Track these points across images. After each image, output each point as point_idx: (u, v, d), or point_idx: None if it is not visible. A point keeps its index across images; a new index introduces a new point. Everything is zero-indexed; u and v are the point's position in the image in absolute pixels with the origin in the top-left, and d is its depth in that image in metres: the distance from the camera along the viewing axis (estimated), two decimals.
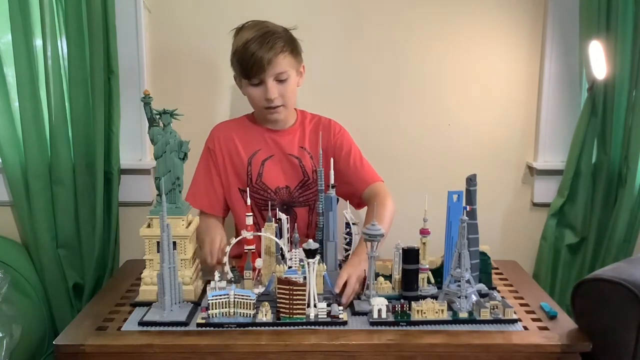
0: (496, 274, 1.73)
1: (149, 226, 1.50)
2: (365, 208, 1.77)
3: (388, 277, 1.56)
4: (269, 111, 1.73)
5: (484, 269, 1.57)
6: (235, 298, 1.39)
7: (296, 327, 1.38)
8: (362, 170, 1.78)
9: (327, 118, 1.87)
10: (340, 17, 2.06)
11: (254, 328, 1.38)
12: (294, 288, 1.37)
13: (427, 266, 1.54)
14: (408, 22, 2.07)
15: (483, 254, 1.57)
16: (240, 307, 1.39)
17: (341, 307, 1.43)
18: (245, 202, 1.65)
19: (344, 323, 1.39)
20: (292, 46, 1.72)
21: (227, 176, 1.81)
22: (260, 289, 1.49)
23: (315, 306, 1.39)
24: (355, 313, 1.44)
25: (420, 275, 1.51)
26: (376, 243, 1.44)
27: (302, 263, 1.41)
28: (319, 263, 1.42)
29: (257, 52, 1.64)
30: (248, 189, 1.67)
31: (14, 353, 1.61)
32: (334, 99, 2.07)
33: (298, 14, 1.84)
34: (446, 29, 2.07)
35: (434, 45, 2.08)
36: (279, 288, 1.38)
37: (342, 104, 2.05)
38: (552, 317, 1.46)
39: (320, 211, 1.56)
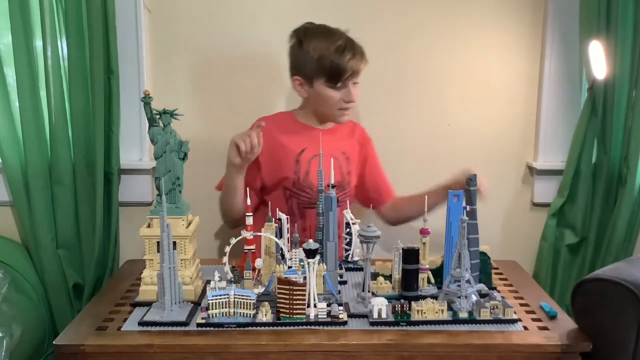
0: (496, 274, 1.73)
1: (149, 226, 1.50)
2: (371, 206, 1.76)
3: (388, 277, 1.56)
4: (342, 112, 1.81)
5: (484, 269, 1.57)
6: (235, 298, 1.38)
7: (296, 327, 1.38)
8: (386, 180, 1.94)
9: (358, 123, 1.99)
10: (340, 17, 2.06)
11: (254, 328, 1.38)
12: (294, 288, 1.37)
13: (427, 266, 1.54)
14: (408, 22, 2.07)
15: (483, 254, 1.57)
16: (240, 307, 1.39)
17: (341, 307, 1.43)
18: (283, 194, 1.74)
19: (344, 323, 1.38)
20: None
21: (265, 170, 1.82)
22: (260, 289, 1.49)
23: (315, 306, 1.39)
24: (351, 316, 1.43)
25: (420, 275, 1.51)
26: (372, 245, 1.44)
27: (302, 263, 1.41)
28: (319, 263, 1.42)
29: (353, 60, 1.75)
30: (292, 186, 1.77)
31: (14, 353, 1.61)
32: None
33: (298, 13, 1.84)
34: (446, 29, 2.07)
35: (434, 46, 2.08)
36: (279, 288, 1.38)
37: None
38: (552, 317, 1.46)
39: (320, 211, 1.56)
